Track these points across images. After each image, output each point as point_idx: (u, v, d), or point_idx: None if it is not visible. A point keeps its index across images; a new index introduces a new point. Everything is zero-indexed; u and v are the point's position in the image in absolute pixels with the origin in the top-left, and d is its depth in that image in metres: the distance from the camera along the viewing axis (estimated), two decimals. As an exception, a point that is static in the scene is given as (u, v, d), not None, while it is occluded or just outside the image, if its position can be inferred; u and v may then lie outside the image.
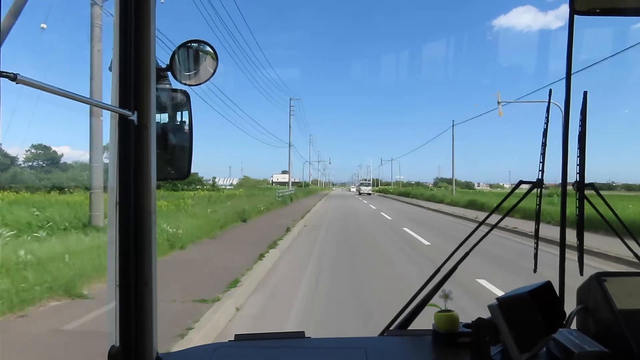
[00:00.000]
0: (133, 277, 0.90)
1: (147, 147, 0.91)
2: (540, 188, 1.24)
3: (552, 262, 1.25)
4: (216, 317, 4.52)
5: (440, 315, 1.13)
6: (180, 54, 1.18)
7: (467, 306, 4.69)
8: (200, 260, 7.77)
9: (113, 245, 0.90)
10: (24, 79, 0.56)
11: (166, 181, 3.79)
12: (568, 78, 1.19)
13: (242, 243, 9.87)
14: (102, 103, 0.83)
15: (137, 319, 0.91)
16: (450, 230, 14.40)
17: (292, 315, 4.87)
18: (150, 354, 0.93)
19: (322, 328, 4.41)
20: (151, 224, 0.93)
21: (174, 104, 1.14)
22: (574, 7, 1.17)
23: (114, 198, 0.89)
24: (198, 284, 5.86)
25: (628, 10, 1.22)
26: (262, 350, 1.11)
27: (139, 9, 0.89)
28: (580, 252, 1.24)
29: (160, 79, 1.08)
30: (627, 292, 1.02)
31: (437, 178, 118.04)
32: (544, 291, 1.01)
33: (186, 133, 1.15)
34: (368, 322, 4.45)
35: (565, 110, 1.18)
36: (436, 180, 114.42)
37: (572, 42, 1.17)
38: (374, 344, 1.14)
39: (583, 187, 1.18)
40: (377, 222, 17.54)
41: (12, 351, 3.43)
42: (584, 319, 1.10)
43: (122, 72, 0.88)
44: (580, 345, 0.96)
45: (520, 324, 0.93)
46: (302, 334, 1.19)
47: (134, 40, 0.89)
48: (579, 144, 1.18)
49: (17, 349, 3.56)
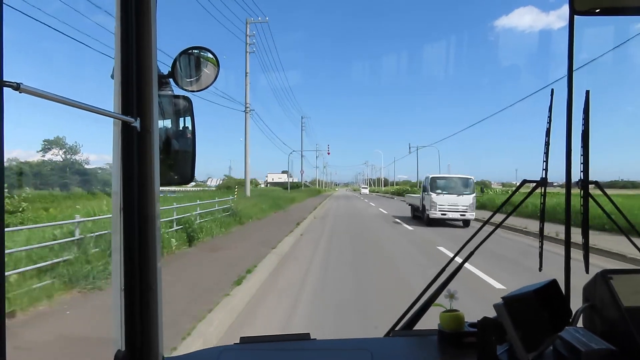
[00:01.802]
0: (138, 282, 0.91)
1: (150, 153, 0.92)
2: (545, 187, 1.24)
3: (558, 261, 1.25)
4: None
5: (445, 315, 1.13)
6: (182, 61, 1.18)
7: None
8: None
9: (118, 250, 0.91)
10: (27, 88, 0.57)
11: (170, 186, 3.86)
12: (570, 77, 1.19)
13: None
14: (104, 110, 0.84)
15: (142, 323, 0.91)
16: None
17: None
18: (155, 357, 0.94)
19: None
20: (155, 229, 0.93)
21: (177, 110, 1.14)
22: (574, 7, 1.17)
23: (118, 203, 0.90)
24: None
25: (627, 9, 1.22)
26: (268, 353, 1.11)
27: (140, 16, 0.90)
28: (586, 250, 1.24)
29: (162, 86, 1.09)
30: (633, 290, 1.02)
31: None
32: (549, 290, 1.00)
33: (189, 138, 1.16)
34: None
35: (568, 109, 1.18)
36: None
37: (572, 42, 1.17)
38: (379, 345, 1.13)
39: (587, 185, 1.18)
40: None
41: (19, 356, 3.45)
42: (590, 317, 1.10)
43: (124, 79, 0.89)
44: (587, 343, 0.95)
45: (526, 322, 0.92)
46: (307, 335, 1.20)
47: (136, 47, 0.90)
48: (582, 143, 1.18)
49: (24, 353, 3.58)
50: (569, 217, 1.23)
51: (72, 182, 39.63)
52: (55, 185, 33.51)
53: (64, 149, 49.09)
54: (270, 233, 12.29)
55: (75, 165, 46.54)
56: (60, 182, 37.75)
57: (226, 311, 4.86)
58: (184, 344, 3.83)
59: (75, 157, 49.08)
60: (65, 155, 48.80)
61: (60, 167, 43.61)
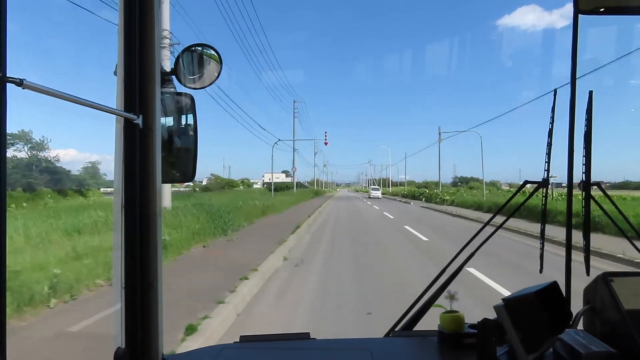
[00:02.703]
0: (139, 279, 0.91)
1: (152, 150, 0.92)
2: (546, 188, 1.24)
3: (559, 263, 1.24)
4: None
5: (445, 316, 1.13)
6: (185, 58, 1.18)
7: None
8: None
9: (119, 247, 0.91)
10: (30, 84, 0.57)
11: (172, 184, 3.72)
12: (573, 77, 1.18)
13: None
14: (107, 107, 0.84)
15: (142, 320, 0.91)
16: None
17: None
18: (156, 355, 0.94)
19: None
20: (156, 226, 0.93)
21: (179, 108, 1.14)
22: (578, 7, 1.17)
23: (120, 201, 0.90)
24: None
25: (632, 9, 1.21)
26: (267, 352, 1.11)
27: (144, 13, 0.90)
28: (587, 252, 1.24)
29: (165, 83, 1.09)
30: (634, 292, 1.01)
31: (455, 177, 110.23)
32: (550, 291, 1.00)
33: (191, 136, 1.16)
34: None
35: (571, 109, 1.17)
36: (455, 179, 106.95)
37: (576, 41, 1.17)
38: (379, 345, 1.13)
39: (589, 186, 1.17)
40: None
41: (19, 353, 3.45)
42: (590, 320, 1.10)
43: (127, 76, 0.89)
44: (587, 345, 0.95)
45: (527, 324, 0.92)
46: (307, 335, 1.20)
47: (139, 44, 0.90)
48: (584, 144, 1.18)
49: (24, 350, 3.59)
50: (570, 218, 1.22)
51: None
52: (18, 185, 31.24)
53: (30, 144, 44.43)
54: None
55: (42, 162, 42.97)
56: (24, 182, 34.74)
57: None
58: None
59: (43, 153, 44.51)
60: (31, 152, 44.43)
61: (25, 165, 40.81)
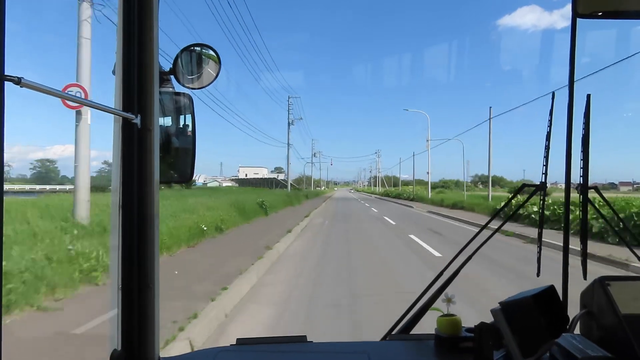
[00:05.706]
0: (136, 280, 0.90)
1: (150, 150, 0.92)
2: (544, 191, 1.24)
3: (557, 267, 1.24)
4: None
5: (442, 320, 1.13)
6: (183, 58, 1.18)
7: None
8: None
9: (116, 248, 0.90)
10: (28, 82, 0.56)
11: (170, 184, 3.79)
12: (571, 81, 1.18)
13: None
14: (105, 106, 0.83)
15: (139, 322, 0.91)
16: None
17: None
18: (152, 357, 0.93)
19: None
20: (154, 227, 0.93)
21: (177, 107, 1.14)
22: (577, 10, 1.17)
23: (117, 201, 0.90)
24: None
25: (630, 13, 1.21)
26: (264, 355, 1.10)
27: (142, 13, 0.90)
28: (584, 256, 1.24)
29: (163, 83, 1.09)
30: (631, 297, 1.01)
31: (475, 175, 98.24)
32: (547, 295, 1.00)
33: (189, 136, 1.15)
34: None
35: (569, 112, 1.17)
36: (474, 178, 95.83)
37: (574, 45, 1.17)
38: (376, 349, 1.13)
39: (587, 190, 1.17)
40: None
41: (15, 354, 3.43)
42: (587, 324, 1.10)
43: (126, 76, 0.89)
44: (583, 350, 0.95)
45: (524, 328, 0.92)
46: (304, 338, 1.19)
47: (137, 44, 0.89)
48: (582, 147, 1.18)
49: (20, 351, 3.56)
50: (567, 222, 1.22)
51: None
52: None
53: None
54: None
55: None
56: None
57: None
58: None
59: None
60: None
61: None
